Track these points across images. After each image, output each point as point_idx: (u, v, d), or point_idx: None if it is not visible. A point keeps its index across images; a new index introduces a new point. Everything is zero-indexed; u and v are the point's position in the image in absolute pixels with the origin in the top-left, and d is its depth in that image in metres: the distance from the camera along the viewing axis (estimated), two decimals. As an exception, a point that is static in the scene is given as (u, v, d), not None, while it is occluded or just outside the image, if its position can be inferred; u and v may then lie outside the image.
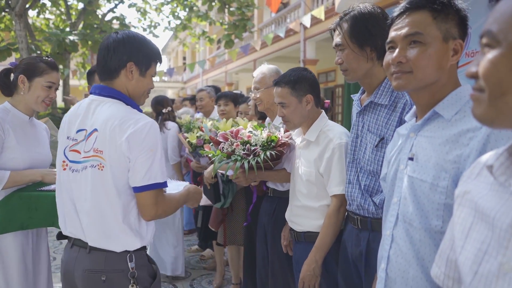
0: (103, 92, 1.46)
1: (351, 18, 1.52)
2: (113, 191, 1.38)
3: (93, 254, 1.41)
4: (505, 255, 0.61)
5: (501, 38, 0.58)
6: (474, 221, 0.71)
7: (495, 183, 0.68)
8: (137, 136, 1.36)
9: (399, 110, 1.46)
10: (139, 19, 12.26)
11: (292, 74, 1.86)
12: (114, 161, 1.36)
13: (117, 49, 1.44)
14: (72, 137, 1.46)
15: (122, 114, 1.40)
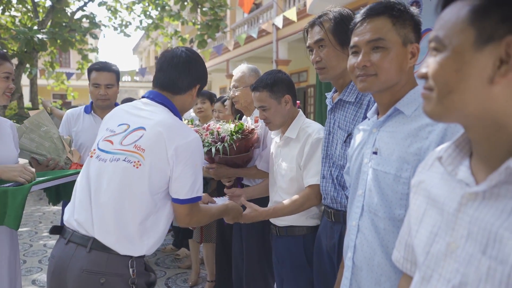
0: (156, 98, 1.53)
1: (334, 16, 1.57)
2: (144, 191, 1.38)
3: (93, 254, 1.36)
4: (452, 235, 0.69)
5: (446, 43, 0.66)
6: (427, 207, 0.79)
7: (445, 173, 0.76)
8: (186, 149, 1.41)
9: (364, 107, 1.54)
10: (109, 18, 12.04)
11: (269, 78, 1.92)
12: (155, 165, 1.39)
13: (192, 70, 1.54)
14: (111, 128, 1.49)
15: (172, 121, 1.46)
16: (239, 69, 2.49)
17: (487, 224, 0.63)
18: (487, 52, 0.61)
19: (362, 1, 6.92)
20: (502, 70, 0.61)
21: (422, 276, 0.75)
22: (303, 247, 1.86)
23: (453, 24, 0.65)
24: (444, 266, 0.70)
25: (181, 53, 1.54)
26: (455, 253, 0.68)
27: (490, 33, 0.61)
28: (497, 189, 0.64)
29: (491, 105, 0.63)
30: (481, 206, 0.66)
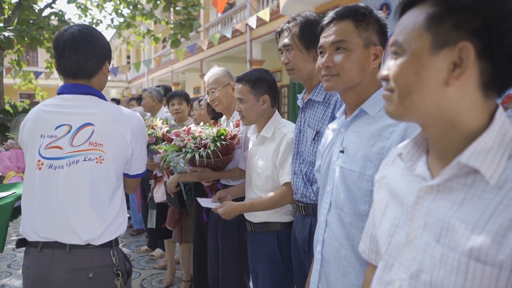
0: (79, 90, 1.47)
1: (300, 22, 1.66)
2: (112, 182, 1.45)
3: (75, 253, 1.37)
4: (410, 226, 0.75)
5: (406, 47, 0.70)
6: (389, 201, 0.84)
7: (405, 168, 0.82)
8: (139, 129, 1.51)
9: (332, 107, 1.60)
10: (79, 16, 11.75)
11: (254, 74, 1.99)
12: (118, 154, 1.45)
13: (96, 48, 1.47)
14: (49, 134, 1.41)
15: (115, 110, 1.49)
16: (213, 72, 2.52)
17: (441, 215, 0.69)
18: (442, 56, 0.66)
19: (334, 3, 7.05)
20: (455, 73, 0.66)
21: (384, 264, 0.81)
22: (277, 242, 1.91)
23: (411, 30, 0.70)
24: (403, 255, 0.75)
25: (77, 33, 1.44)
26: (413, 242, 0.74)
27: (444, 39, 0.66)
28: (450, 183, 0.69)
29: (446, 105, 0.68)
30: (436, 198, 0.71)
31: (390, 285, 0.78)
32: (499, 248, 0.60)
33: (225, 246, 2.35)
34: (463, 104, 0.68)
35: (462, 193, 0.67)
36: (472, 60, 0.65)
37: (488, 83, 0.67)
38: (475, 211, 0.65)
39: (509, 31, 0.62)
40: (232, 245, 2.32)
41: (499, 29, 0.62)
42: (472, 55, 0.64)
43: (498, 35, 0.63)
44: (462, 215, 0.66)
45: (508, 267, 0.60)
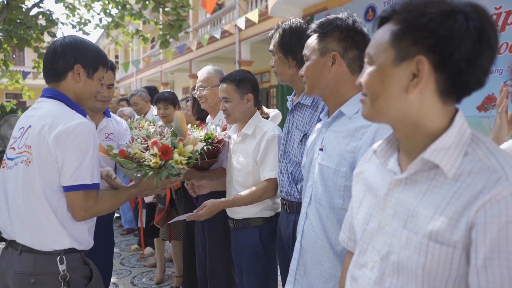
0: (47, 94, 1.51)
1: (281, 30, 1.78)
2: (39, 187, 1.37)
3: (23, 256, 1.39)
4: (382, 215, 0.86)
5: (375, 59, 0.81)
6: (365, 193, 0.95)
7: (379, 164, 0.93)
8: (66, 135, 1.35)
9: (319, 110, 1.70)
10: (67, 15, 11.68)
11: (238, 74, 2.09)
12: (42, 158, 1.37)
13: (64, 52, 1.48)
14: (14, 135, 1.50)
15: (56, 112, 1.42)
16: (206, 70, 2.59)
17: (407, 204, 0.80)
18: (403, 67, 0.77)
19: (322, 5, 7.16)
20: (414, 82, 0.76)
21: (360, 249, 0.92)
22: (259, 237, 2.01)
23: (379, 44, 0.81)
24: (376, 240, 0.86)
25: (56, 41, 1.52)
26: (384, 229, 0.84)
27: (404, 53, 0.76)
28: (415, 176, 0.81)
29: (408, 110, 0.79)
30: (404, 190, 0.82)
31: (364, 267, 0.89)
32: (453, 230, 0.71)
33: (212, 243, 2.42)
34: (423, 108, 0.78)
35: (425, 185, 0.78)
36: (427, 72, 0.75)
37: (444, 91, 0.77)
38: (435, 200, 0.75)
39: (457, 48, 0.72)
40: (219, 242, 2.39)
41: (448, 46, 0.72)
42: (427, 67, 0.74)
43: (448, 51, 0.72)
44: (424, 203, 0.76)
45: (460, 246, 0.71)
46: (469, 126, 0.80)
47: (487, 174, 0.71)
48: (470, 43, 0.72)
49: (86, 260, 1.49)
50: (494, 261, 0.67)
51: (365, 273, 0.88)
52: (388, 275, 0.81)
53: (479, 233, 0.68)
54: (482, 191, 0.69)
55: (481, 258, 0.68)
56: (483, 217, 0.68)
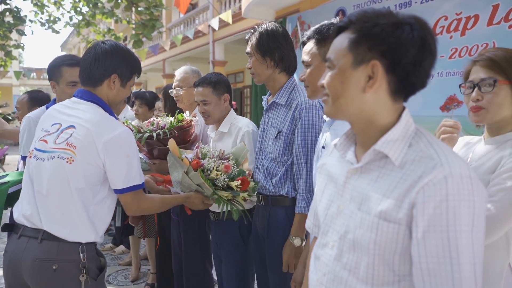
0: (85, 96, 1.59)
1: (258, 33, 1.87)
2: (77, 185, 1.47)
3: (44, 244, 1.46)
4: (341, 200, 0.98)
5: (335, 63, 0.92)
6: (327, 182, 1.06)
7: (339, 156, 1.04)
8: (114, 143, 1.49)
9: (293, 109, 1.80)
10: (36, 13, 11.39)
11: (213, 77, 2.20)
12: (87, 161, 1.48)
13: (103, 59, 1.57)
14: (46, 129, 1.57)
15: (99, 118, 1.53)
16: (183, 70, 2.66)
17: (362, 189, 0.92)
18: (360, 70, 0.88)
19: (294, 7, 7.32)
20: (370, 83, 0.88)
21: (322, 231, 1.04)
22: (238, 228, 2.11)
23: (339, 50, 0.92)
24: (336, 222, 0.98)
25: (97, 46, 1.61)
26: (343, 212, 0.96)
27: (361, 58, 0.88)
28: (369, 165, 0.93)
29: (364, 107, 0.90)
30: (359, 178, 0.94)
31: (325, 246, 1.00)
32: (399, 210, 0.83)
33: (187, 238, 2.50)
34: (377, 106, 0.90)
35: (377, 172, 0.90)
36: (380, 74, 0.87)
37: (394, 91, 0.89)
38: (384, 185, 0.87)
39: (405, 54, 0.84)
40: (194, 237, 2.48)
41: (398, 52, 0.84)
42: (380, 70, 0.86)
43: (398, 56, 0.85)
44: (375, 188, 0.88)
45: (404, 223, 0.83)
46: (432, 124, 0.93)
47: (426, 161, 0.83)
48: (415, 50, 0.83)
49: (98, 251, 1.58)
50: (430, 233, 0.78)
51: (326, 252, 0.99)
52: (346, 252, 0.93)
53: (418, 210, 0.80)
54: (421, 175, 0.81)
55: (420, 231, 0.79)
56: (422, 197, 0.79)
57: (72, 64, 2.13)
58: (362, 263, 0.88)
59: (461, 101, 4.60)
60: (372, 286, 0.87)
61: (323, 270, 0.99)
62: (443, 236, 0.78)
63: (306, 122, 1.73)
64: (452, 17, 4.48)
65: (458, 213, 0.77)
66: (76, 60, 2.15)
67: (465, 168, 0.81)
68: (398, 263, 0.85)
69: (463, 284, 0.77)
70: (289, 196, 1.79)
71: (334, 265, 0.95)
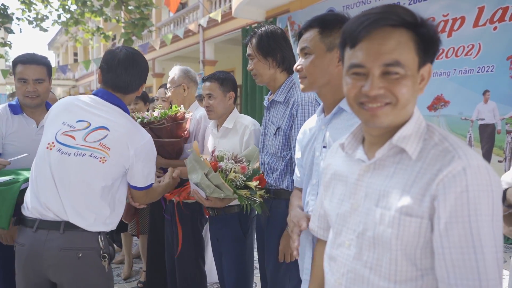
0: (110, 99, 1.70)
1: (258, 35, 1.94)
2: (107, 181, 1.61)
3: (68, 234, 1.55)
4: (354, 198, 0.98)
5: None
6: (335, 182, 1.07)
7: (345, 156, 1.06)
8: (144, 149, 1.68)
9: (290, 106, 1.85)
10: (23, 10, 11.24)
11: (221, 74, 2.29)
12: (118, 161, 1.62)
13: (142, 72, 1.75)
14: (70, 124, 1.63)
15: (131, 125, 1.70)
16: (172, 71, 2.71)
17: (378, 186, 0.93)
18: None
19: (284, 7, 7.37)
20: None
21: (335, 232, 1.03)
22: (238, 221, 2.17)
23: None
24: (350, 221, 0.98)
25: (129, 54, 1.71)
26: (357, 210, 0.96)
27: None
28: (383, 161, 0.94)
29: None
30: (373, 174, 0.95)
31: (341, 246, 1.00)
32: (420, 204, 0.84)
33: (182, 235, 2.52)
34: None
35: (392, 168, 0.91)
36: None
37: None
38: (402, 180, 0.88)
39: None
40: (188, 234, 2.52)
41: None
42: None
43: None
44: (393, 184, 0.89)
45: (426, 216, 0.84)
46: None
47: (443, 155, 0.85)
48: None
49: (109, 240, 1.68)
50: (453, 224, 0.80)
51: (343, 251, 0.99)
52: (365, 250, 0.93)
53: (440, 202, 0.81)
54: (440, 168, 0.83)
55: (443, 223, 0.81)
56: (443, 189, 0.81)
57: (25, 61, 2.16)
58: (384, 259, 0.89)
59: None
60: (395, 283, 0.88)
61: (341, 270, 0.99)
62: (465, 226, 0.79)
63: (303, 118, 1.78)
64: (439, 18, 4.58)
65: (478, 203, 0.79)
66: (31, 58, 2.18)
67: (480, 159, 0.83)
68: (419, 257, 0.87)
69: (488, 272, 0.79)
70: (290, 189, 1.83)
71: (354, 264, 0.95)
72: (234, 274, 2.18)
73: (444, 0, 4.62)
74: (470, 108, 4.28)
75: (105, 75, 1.72)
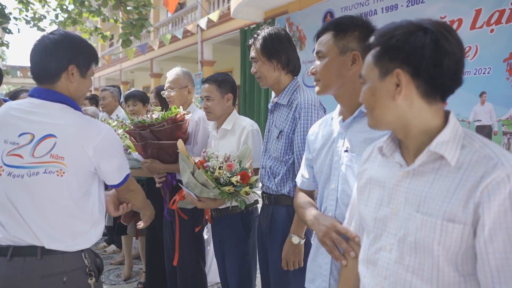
0: (49, 97, 1.44)
1: (262, 37, 1.90)
2: (75, 193, 1.41)
3: (47, 259, 1.38)
4: (393, 203, 0.99)
5: (366, 78, 0.99)
6: (371, 187, 1.07)
7: (382, 160, 1.06)
8: (104, 145, 1.45)
9: (294, 109, 1.84)
10: (20, 10, 11.21)
11: (219, 76, 2.29)
12: (79, 167, 1.41)
13: (56, 51, 1.43)
14: (12, 140, 1.40)
15: (79, 121, 1.44)
16: (174, 72, 2.71)
17: (418, 192, 0.93)
18: (387, 81, 0.94)
19: (282, 8, 7.39)
20: (397, 90, 0.92)
21: (374, 236, 1.03)
22: (241, 222, 2.19)
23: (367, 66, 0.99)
24: (390, 225, 0.99)
25: (45, 38, 1.45)
26: (397, 215, 0.97)
27: (386, 69, 0.93)
28: (422, 168, 0.94)
29: (400, 114, 0.94)
30: (413, 180, 0.95)
31: (381, 250, 1.00)
32: (464, 210, 0.86)
33: (181, 238, 2.54)
34: (412, 111, 0.93)
35: (432, 175, 0.92)
36: (406, 80, 0.91)
37: (425, 94, 0.92)
38: (443, 187, 0.89)
39: (422, 58, 0.88)
40: (188, 235, 2.53)
41: (415, 57, 0.89)
42: (405, 77, 0.91)
43: (416, 61, 0.89)
44: (434, 190, 0.90)
45: (469, 222, 0.86)
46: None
47: (485, 161, 0.86)
48: (430, 52, 0.87)
49: (94, 252, 1.55)
50: (497, 231, 0.82)
51: (383, 255, 0.99)
52: (407, 254, 0.93)
53: (485, 209, 0.83)
54: (483, 175, 0.84)
55: (487, 229, 0.83)
56: (487, 196, 0.83)
57: None
58: (426, 264, 0.90)
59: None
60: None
61: (382, 274, 0.99)
62: (509, 232, 0.82)
63: (306, 121, 1.76)
64: (436, 20, 4.61)
65: None
66: None
67: None
68: (461, 263, 0.88)
69: None
70: (291, 195, 1.82)
71: (396, 268, 0.96)
72: (237, 275, 2.19)
73: (442, 2, 4.66)
74: (467, 110, 4.32)
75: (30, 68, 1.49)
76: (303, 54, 6.65)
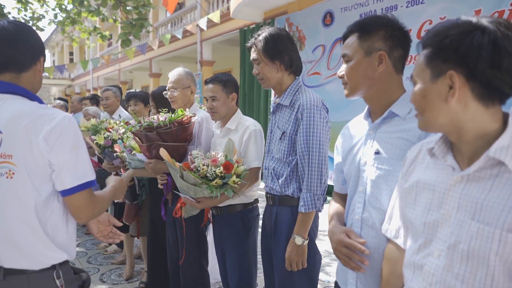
0: (2, 89, 1.27)
1: (263, 38, 1.88)
2: (29, 200, 1.20)
3: (10, 280, 1.20)
4: (445, 208, 0.93)
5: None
6: (418, 189, 1.02)
7: (431, 162, 1.01)
8: (55, 134, 1.20)
9: (296, 110, 1.83)
10: (19, 10, 11.19)
11: (223, 76, 2.31)
12: (32, 166, 1.19)
13: (31, 40, 1.29)
14: None
15: (31, 110, 1.22)
16: (177, 72, 2.72)
17: (474, 198, 0.88)
18: (440, 83, 0.89)
19: (282, 9, 7.42)
20: (450, 93, 0.88)
21: (424, 241, 0.99)
22: (241, 220, 2.20)
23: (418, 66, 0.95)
24: (440, 231, 0.94)
25: (8, 25, 1.27)
26: (449, 220, 0.92)
27: (439, 71, 0.88)
28: (478, 173, 0.88)
29: (453, 117, 0.90)
30: (467, 185, 0.90)
31: (430, 255, 0.96)
32: None
33: (186, 236, 2.55)
34: (467, 114, 0.88)
35: (490, 181, 0.86)
36: (459, 83, 0.86)
37: (481, 96, 0.86)
38: (503, 195, 0.84)
39: (478, 59, 0.83)
40: (192, 235, 2.54)
41: (470, 58, 0.84)
42: (458, 79, 0.86)
43: (471, 62, 0.84)
44: (492, 198, 0.85)
45: None
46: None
47: None
48: (488, 53, 0.82)
49: (76, 269, 1.36)
50: None
51: (431, 261, 0.95)
52: (457, 262, 0.89)
53: None
54: None
55: None
56: None
57: None
58: (478, 273, 0.86)
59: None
60: None
61: (428, 280, 0.96)
62: None
63: (308, 122, 1.76)
64: (436, 21, 4.64)
65: None
66: None
67: None
68: None
69: None
70: (295, 196, 1.83)
71: (444, 275, 0.92)
72: (237, 273, 2.21)
73: (441, 3, 4.69)
74: None
75: None
76: (303, 54, 6.68)
